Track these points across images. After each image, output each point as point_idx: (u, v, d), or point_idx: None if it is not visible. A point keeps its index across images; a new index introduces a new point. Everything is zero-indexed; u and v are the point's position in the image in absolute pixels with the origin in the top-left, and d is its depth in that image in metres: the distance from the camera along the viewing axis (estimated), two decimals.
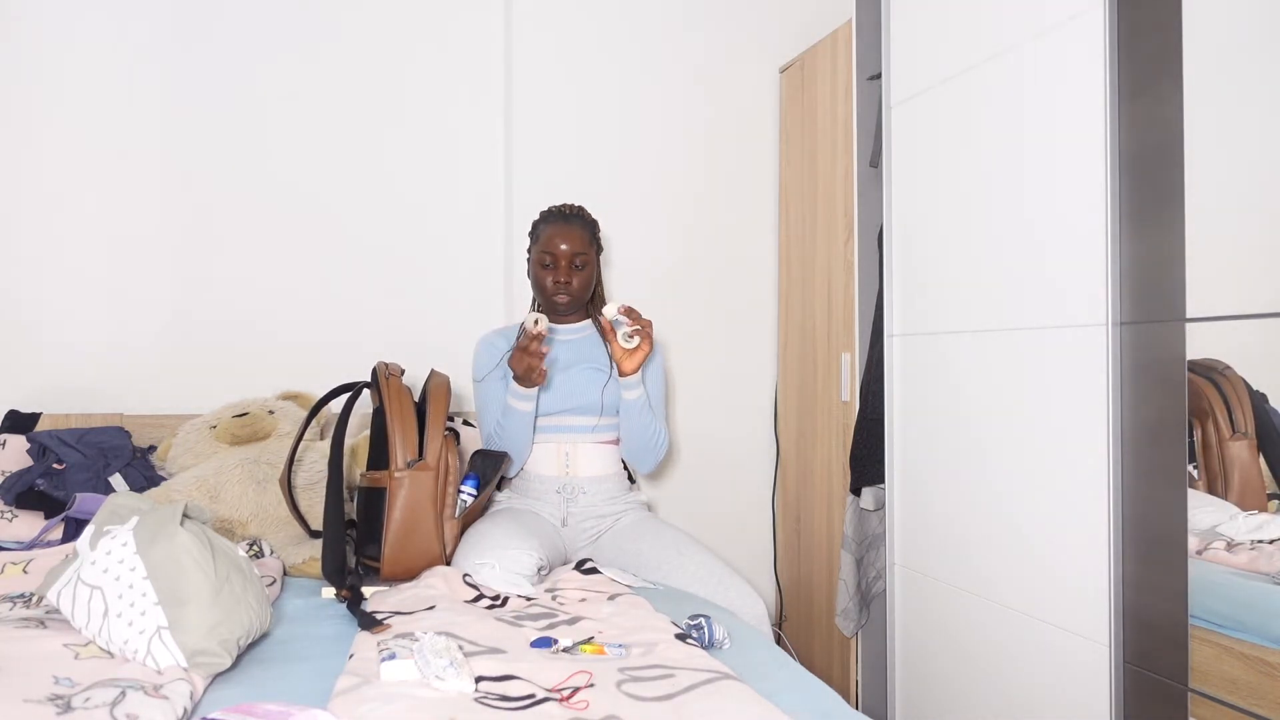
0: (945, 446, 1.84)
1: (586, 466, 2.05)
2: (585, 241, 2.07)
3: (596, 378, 2.05)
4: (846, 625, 2.21)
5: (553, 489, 2.03)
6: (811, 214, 2.55)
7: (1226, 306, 1.28)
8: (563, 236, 2.05)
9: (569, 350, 2.10)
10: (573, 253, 2.05)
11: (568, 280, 2.05)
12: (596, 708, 1.13)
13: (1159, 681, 1.37)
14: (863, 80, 2.22)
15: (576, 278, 2.06)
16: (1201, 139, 1.30)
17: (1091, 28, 1.47)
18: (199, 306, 2.42)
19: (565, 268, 2.06)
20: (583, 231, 2.08)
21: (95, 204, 2.36)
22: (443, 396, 1.92)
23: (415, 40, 2.55)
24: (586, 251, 2.07)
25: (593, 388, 2.04)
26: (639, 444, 2.06)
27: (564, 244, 2.05)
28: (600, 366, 2.07)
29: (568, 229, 2.06)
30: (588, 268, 2.08)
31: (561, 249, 2.05)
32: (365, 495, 1.86)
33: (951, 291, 1.82)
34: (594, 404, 2.04)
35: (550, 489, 2.04)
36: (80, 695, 1.09)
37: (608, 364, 2.07)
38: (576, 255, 2.05)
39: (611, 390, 2.04)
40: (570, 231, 2.06)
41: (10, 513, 1.97)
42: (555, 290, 2.06)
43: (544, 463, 2.05)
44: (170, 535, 1.28)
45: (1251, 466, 1.27)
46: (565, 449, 2.04)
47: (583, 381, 2.04)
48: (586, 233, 2.09)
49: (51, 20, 2.33)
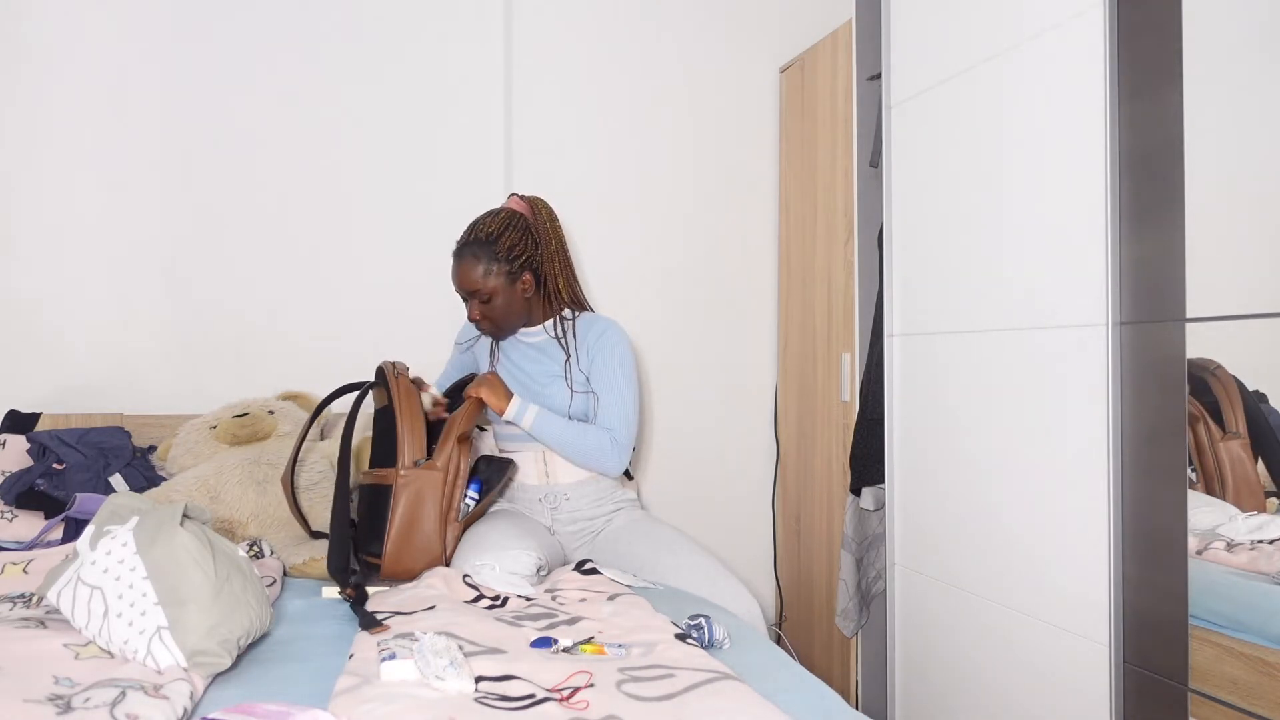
0: (945, 446, 1.84)
1: (566, 473, 2.02)
2: (479, 272, 1.94)
3: (563, 388, 2.00)
4: (846, 625, 2.21)
5: (536, 497, 2.03)
6: (811, 214, 2.55)
7: (1226, 306, 1.28)
8: (456, 274, 1.97)
9: (534, 353, 2.05)
10: (467, 289, 1.96)
11: (479, 317, 1.98)
12: (596, 708, 1.13)
13: (1159, 681, 1.37)
14: (863, 80, 2.22)
15: (487, 309, 1.97)
16: (1201, 139, 1.30)
17: (1091, 28, 1.47)
18: (199, 307, 2.42)
19: (475, 305, 1.98)
20: (474, 260, 1.94)
21: (95, 203, 2.36)
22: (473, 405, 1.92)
23: (415, 40, 2.55)
24: (480, 284, 1.94)
25: (560, 397, 1.99)
26: (577, 461, 1.97)
27: (457, 280, 1.97)
28: (559, 374, 2.01)
29: (458, 264, 1.96)
30: (495, 297, 1.96)
31: (458, 286, 1.98)
32: (369, 493, 1.86)
33: (951, 291, 1.82)
34: (561, 412, 1.99)
35: (534, 497, 2.03)
36: (80, 695, 1.09)
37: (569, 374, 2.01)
38: (473, 291, 1.95)
39: (579, 402, 1.99)
40: (459, 265, 1.96)
41: (10, 513, 1.97)
42: (476, 326, 2.02)
43: (526, 472, 2.03)
44: (170, 535, 1.28)
45: (1246, 466, 1.27)
46: (544, 455, 2.01)
47: (551, 391, 2.00)
48: (480, 261, 1.94)
49: (52, 20, 2.33)
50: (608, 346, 2.01)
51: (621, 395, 1.99)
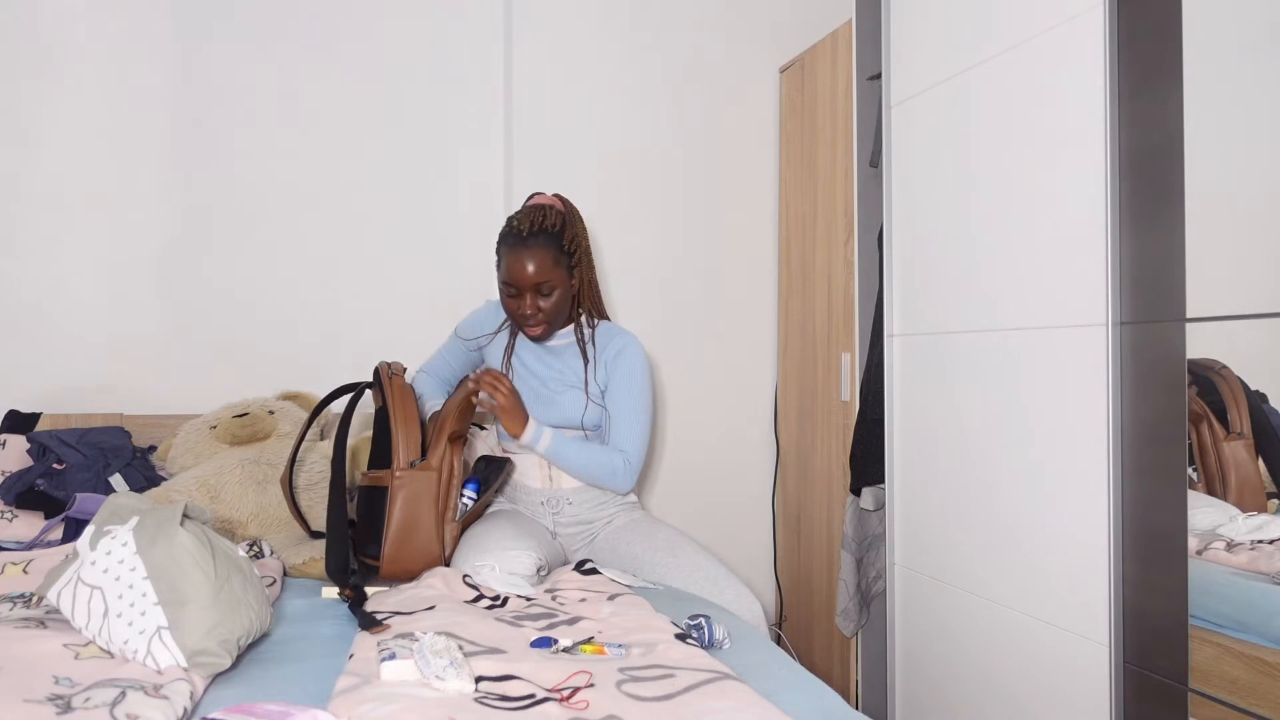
0: (945, 446, 1.84)
1: (570, 477, 2.01)
2: (548, 263, 1.88)
3: (578, 397, 1.99)
4: (846, 625, 2.21)
5: (538, 500, 2.02)
6: (811, 214, 2.55)
7: (1226, 306, 1.28)
8: (520, 263, 1.87)
9: (549, 357, 2.04)
10: (535, 281, 1.88)
11: (534, 311, 1.91)
12: (596, 708, 1.13)
13: (1159, 681, 1.37)
14: (863, 80, 2.22)
15: (545, 303, 1.91)
16: (1201, 139, 1.30)
17: (1091, 28, 1.47)
18: (199, 306, 2.42)
19: (531, 299, 1.90)
20: (545, 251, 1.88)
21: (95, 204, 2.36)
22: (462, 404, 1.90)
23: (415, 39, 2.55)
24: (550, 275, 1.88)
25: (574, 408, 1.99)
26: (586, 480, 1.97)
27: (523, 271, 1.87)
28: (576, 384, 2.00)
29: (525, 253, 1.87)
30: (556, 290, 1.91)
31: (521, 278, 1.88)
32: (366, 494, 1.86)
33: (951, 291, 1.82)
34: (574, 421, 1.99)
35: (535, 500, 2.02)
36: (80, 695, 1.09)
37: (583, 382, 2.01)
38: (541, 283, 1.88)
39: (592, 412, 1.99)
40: (529, 255, 1.87)
41: (10, 513, 1.97)
42: (525, 322, 1.93)
43: (529, 474, 2.03)
44: (170, 535, 1.28)
45: (1249, 467, 1.27)
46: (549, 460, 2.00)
47: (564, 400, 1.99)
48: (549, 251, 1.88)
49: (52, 20, 2.33)
50: (627, 365, 1.98)
51: (638, 417, 1.97)
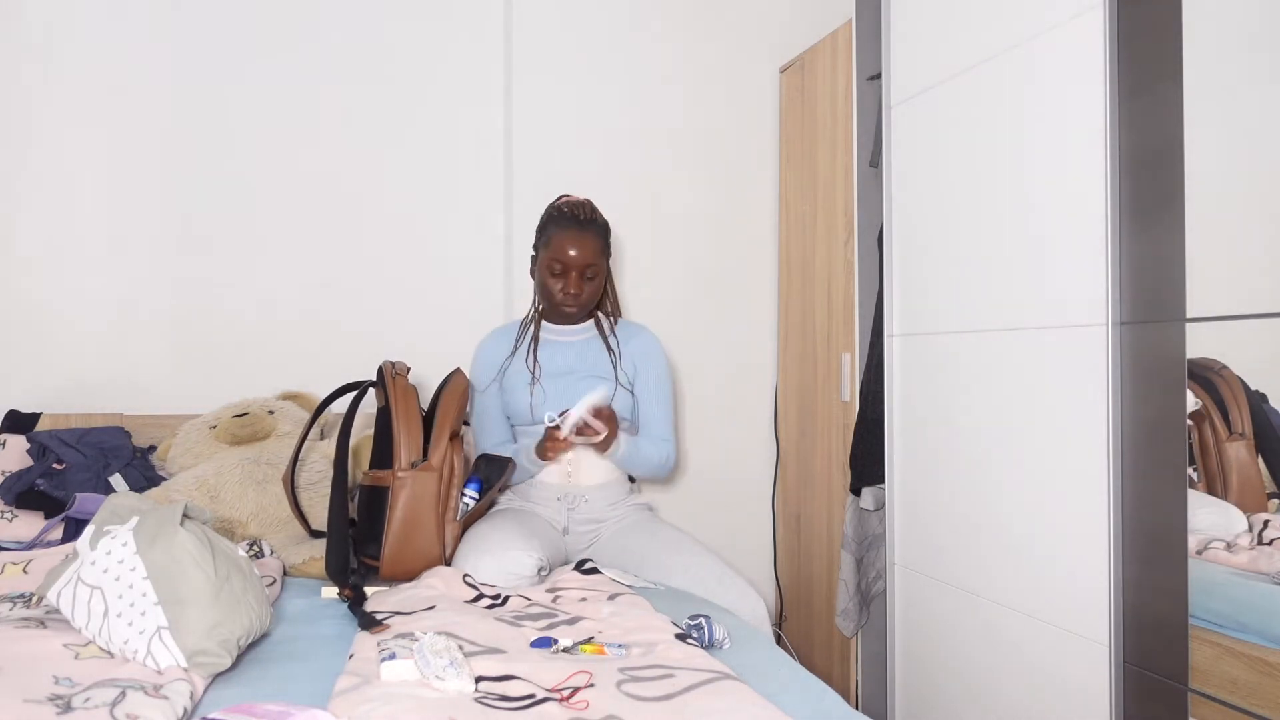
0: (945, 446, 1.84)
1: (589, 475, 2.02)
2: (598, 250, 1.98)
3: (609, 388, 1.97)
4: (846, 625, 2.21)
5: (554, 496, 2.02)
6: (811, 214, 2.55)
7: (1226, 306, 1.28)
8: (575, 244, 1.95)
9: (571, 353, 2.06)
10: (585, 263, 1.96)
11: (578, 291, 1.98)
12: (596, 708, 1.13)
13: (1159, 681, 1.37)
14: (863, 80, 2.22)
15: (587, 288, 1.99)
16: (1201, 139, 1.30)
17: (1091, 28, 1.46)
18: (199, 306, 2.42)
19: (576, 279, 1.97)
20: (596, 239, 1.98)
21: (96, 204, 2.36)
22: (457, 398, 1.90)
23: (416, 40, 2.55)
24: (598, 261, 1.98)
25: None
26: (644, 475, 2.11)
27: (576, 253, 1.95)
28: (604, 375, 2.01)
29: (580, 236, 1.95)
30: (598, 277, 2.00)
31: (573, 258, 1.95)
32: (367, 494, 1.86)
33: (951, 291, 1.82)
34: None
35: (551, 496, 2.02)
36: (80, 695, 1.09)
37: (611, 372, 2.02)
38: (588, 266, 1.97)
39: (624, 401, 2.01)
40: (583, 239, 1.95)
41: (10, 513, 1.97)
42: (564, 300, 1.99)
43: (546, 471, 2.02)
44: (170, 535, 1.28)
45: (1250, 467, 1.27)
46: (569, 456, 1.99)
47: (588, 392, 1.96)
48: (600, 240, 1.99)
49: (53, 19, 2.33)
50: (654, 358, 2.09)
51: (670, 407, 2.11)
